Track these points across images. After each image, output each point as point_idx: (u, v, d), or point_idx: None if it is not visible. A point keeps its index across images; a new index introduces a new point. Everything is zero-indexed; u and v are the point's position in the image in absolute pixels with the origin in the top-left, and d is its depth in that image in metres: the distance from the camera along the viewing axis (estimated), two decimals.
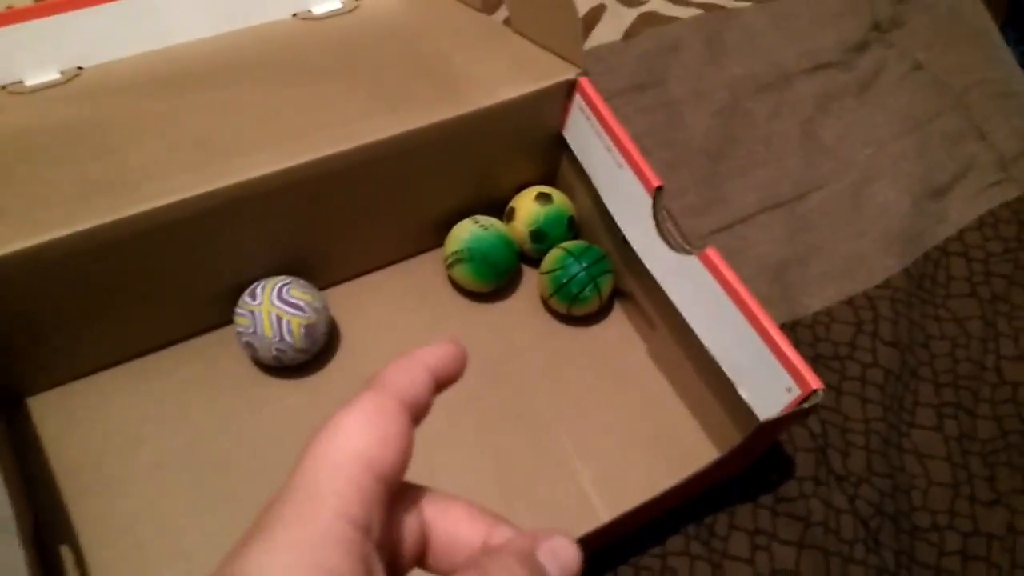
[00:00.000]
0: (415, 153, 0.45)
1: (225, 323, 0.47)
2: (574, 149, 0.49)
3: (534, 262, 0.52)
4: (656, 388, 0.48)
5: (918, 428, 0.48)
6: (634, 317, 0.50)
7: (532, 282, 0.52)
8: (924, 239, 0.56)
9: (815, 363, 0.50)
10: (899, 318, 0.52)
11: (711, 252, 0.40)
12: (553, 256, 0.49)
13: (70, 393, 0.44)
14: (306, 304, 0.44)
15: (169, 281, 0.43)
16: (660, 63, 0.62)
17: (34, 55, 0.45)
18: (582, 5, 0.64)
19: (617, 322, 0.51)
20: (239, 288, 0.45)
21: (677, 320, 0.43)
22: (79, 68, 0.47)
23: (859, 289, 0.53)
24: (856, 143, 0.61)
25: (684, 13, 0.65)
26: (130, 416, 0.44)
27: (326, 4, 0.52)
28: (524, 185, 0.52)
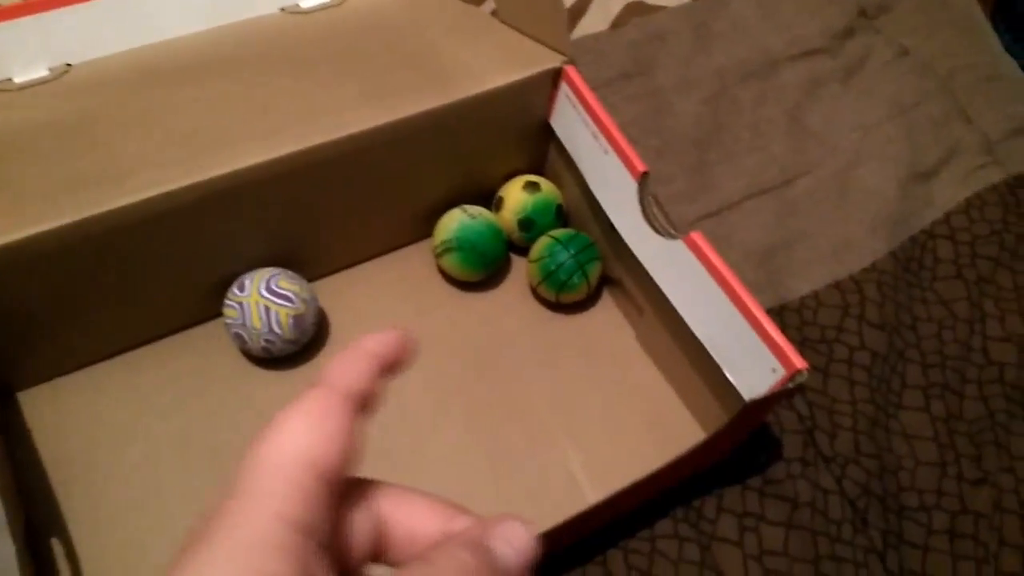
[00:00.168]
0: (403, 142, 0.45)
1: (214, 316, 0.47)
2: (561, 137, 0.49)
3: (523, 251, 0.52)
4: (645, 373, 0.48)
5: (905, 409, 0.49)
6: (622, 303, 0.50)
7: (521, 271, 0.52)
8: (911, 222, 0.57)
9: (803, 346, 0.50)
10: (886, 301, 0.52)
11: (696, 236, 0.40)
12: (541, 244, 0.49)
13: (61, 387, 0.44)
14: (294, 295, 0.44)
15: (158, 274, 0.43)
16: (647, 52, 0.62)
17: (22, 52, 0.45)
18: None
19: (605, 309, 0.51)
20: (228, 280, 0.45)
21: (665, 305, 0.44)
22: (68, 65, 0.47)
23: (846, 273, 0.53)
24: (843, 128, 0.61)
25: (671, 2, 0.66)
26: (120, 409, 0.44)
27: None
28: (512, 174, 0.52)
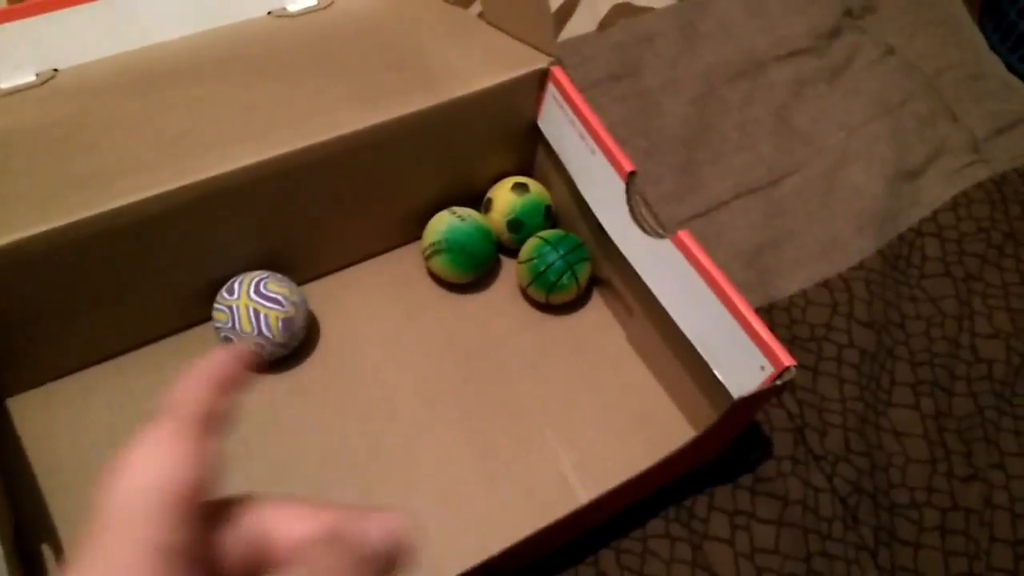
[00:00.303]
0: (391, 144, 0.45)
1: (204, 320, 0.47)
2: (549, 138, 0.49)
3: (512, 252, 0.52)
4: (635, 373, 0.48)
5: (895, 407, 0.49)
6: (612, 304, 0.51)
7: (510, 272, 0.52)
8: (898, 221, 0.57)
9: (792, 345, 0.50)
10: (874, 299, 0.53)
11: (683, 235, 0.40)
12: (531, 245, 0.49)
13: (50, 393, 0.44)
14: (283, 298, 0.44)
15: (147, 277, 0.43)
16: (635, 53, 0.63)
17: (9, 57, 0.45)
18: None
19: (595, 309, 0.51)
20: (218, 284, 0.45)
21: (654, 305, 0.44)
22: (55, 70, 0.47)
23: (834, 271, 0.54)
24: (830, 128, 0.61)
25: (658, 3, 0.66)
26: (110, 414, 0.44)
27: (301, 1, 0.53)
28: (501, 176, 0.52)
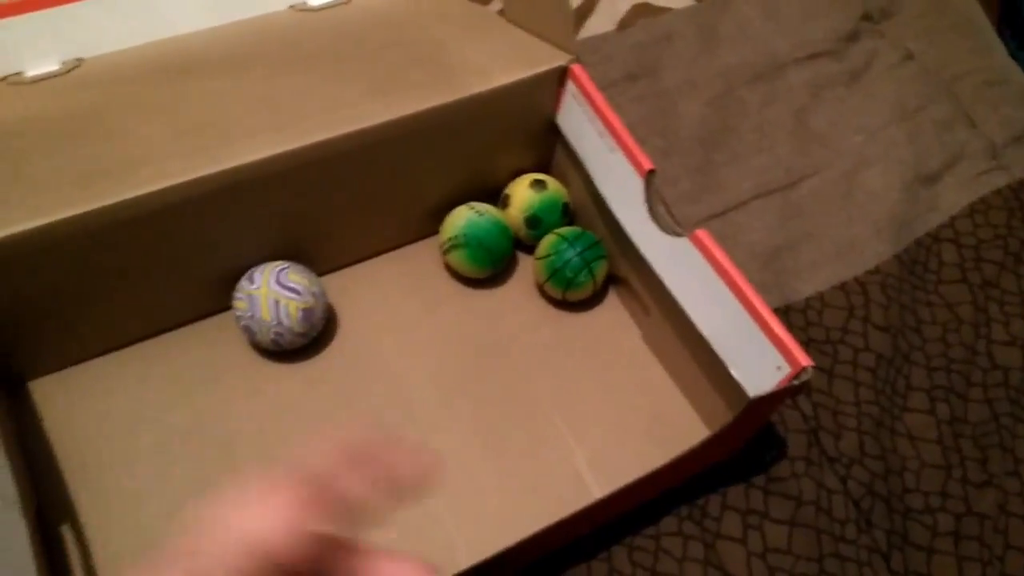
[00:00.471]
0: (411, 139, 0.45)
1: (224, 309, 0.47)
2: (567, 135, 0.49)
3: (529, 248, 0.52)
4: (650, 371, 0.48)
5: (910, 411, 0.49)
6: (628, 302, 0.51)
7: (527, 268, 0.52)
8: (915, 226, 0.57)
9: (808, 347, 0.50)
10: (891, 303, 0.52)
11: (701, 233, 0.40)
12: (548, 242, 0.49)
13: (72, 377, 0.45)
14: (304, 288, 0.44)
15: (168, 265, 0.43)
16: (654, 53, 0.63)
17: (34, 46, 0.46)
18: None
19: (611, 307, 0.51)
20: (238, 273, 0.45)
21: (670, 304, 0.44)
22: (79, 59, 0.47)
23: (851, 274, 0.54)
24: (848, 131, 0.61)
25: (677, 4, 0.66)
26: (130, 400, 0.44)
27: None
28: (519, 172, 0.52)
